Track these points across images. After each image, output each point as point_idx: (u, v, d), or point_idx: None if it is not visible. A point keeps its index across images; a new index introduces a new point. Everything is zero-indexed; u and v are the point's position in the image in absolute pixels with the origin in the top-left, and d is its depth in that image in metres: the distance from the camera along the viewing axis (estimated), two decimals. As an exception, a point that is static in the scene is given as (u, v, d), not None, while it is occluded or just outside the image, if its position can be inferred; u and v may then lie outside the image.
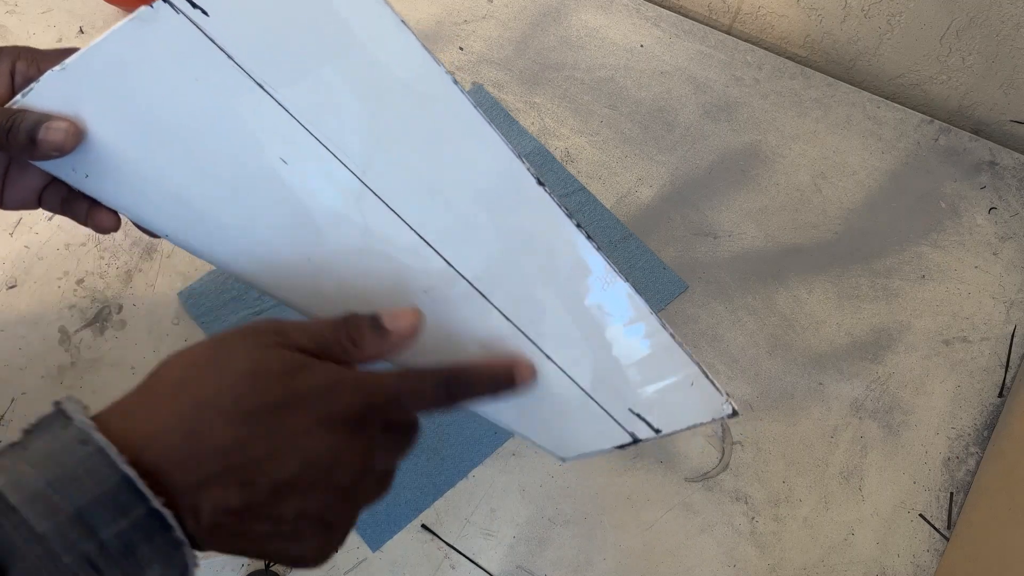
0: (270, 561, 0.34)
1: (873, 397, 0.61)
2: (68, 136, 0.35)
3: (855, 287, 0.66)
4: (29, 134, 0.35)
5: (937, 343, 0.64)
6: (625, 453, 0.58)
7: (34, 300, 0.62)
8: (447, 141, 0.36)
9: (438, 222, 0.37)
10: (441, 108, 0.35)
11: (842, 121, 0.75)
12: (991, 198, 0.72)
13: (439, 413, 0.34)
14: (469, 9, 0.81)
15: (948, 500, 0.58)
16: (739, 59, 0.78)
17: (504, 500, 0.56)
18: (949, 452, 0.60)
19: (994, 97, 0.76)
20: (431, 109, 0.35)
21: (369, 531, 0.54)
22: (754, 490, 0.57)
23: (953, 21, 0.71)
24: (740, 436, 0.59)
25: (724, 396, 0.37)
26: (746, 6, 0.81)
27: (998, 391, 0.62)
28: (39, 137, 0.35)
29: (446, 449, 0.57)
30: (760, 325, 0.64)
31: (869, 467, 0.59)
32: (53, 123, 0.35)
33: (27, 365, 0.59)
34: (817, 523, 0.56)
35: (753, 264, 0.67)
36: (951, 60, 0.75)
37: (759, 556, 0.55)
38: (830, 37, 0.79)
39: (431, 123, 0.35)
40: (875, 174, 0.73)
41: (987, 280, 0.67)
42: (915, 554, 0.56)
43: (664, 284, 0.65)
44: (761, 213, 0.70)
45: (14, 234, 0.65)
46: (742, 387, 0.61)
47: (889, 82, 0.80)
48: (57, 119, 0.35)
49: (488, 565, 0.54)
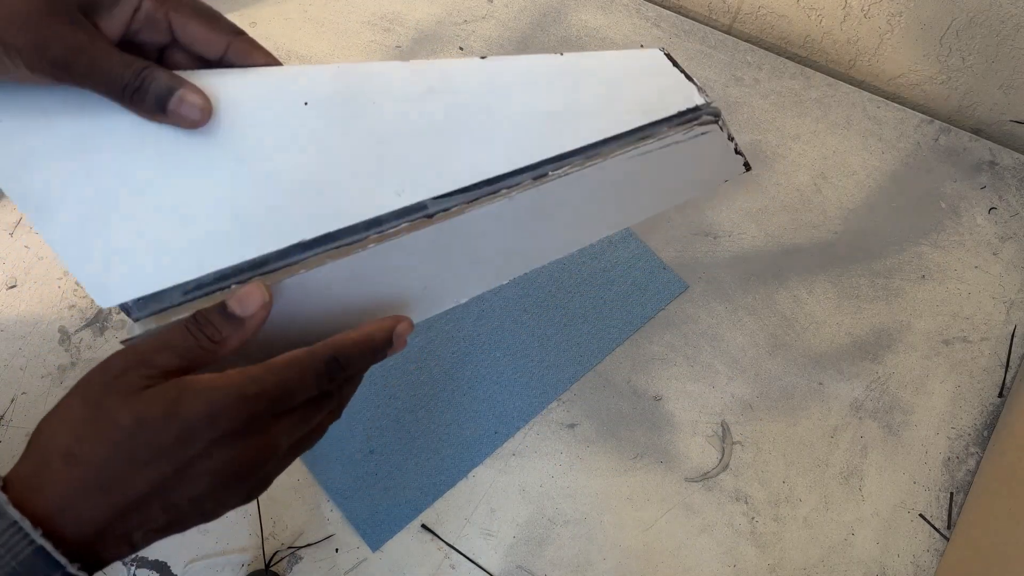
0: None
1: (873, 397, 0.61)
2: (203, 115, 0.33)
3: (855, 287, 0.66)
4: (159, 101, 0.32)
5: (937, 343, 0.64)
6: (625, 453, 0.58)
7: (34, 300, 0.62)
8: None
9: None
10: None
11: (842, 121, 0.75)
12: (991, 198, 0.72)
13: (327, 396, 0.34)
14: (469, 9, 0.81)
15: (948, 500, 0.58)
16: (739, 59, 0.78)
17: (504, 500, 0.56)
18: (949, 452, 0.59)
19: (994, 97, 0.76)
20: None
21: (369, 531, 0.54)
22: (754, 490, 0.57)
23: (953, 21, 0.71)
24: (740, 436, 0.59)
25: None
26: (746, 6, 0.81)
27: (998, 391, 0.62)
28: (170, 108, 0.32)
29: (446, 449, 0.57)
30: (760, 325, 0.64)
31: (869, 467, 0.59)
32: (188, 95, 0.33)
33: (27, 365, 0.59)
34: (817, 523, 0.56)
35: (753, 264, 0.67)
36: (951, 60, 0.75)
37: (759, 556, 0.55)
38: (830, 37, 0.79)
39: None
40: (875, 174, 0.73)
41: (987, 280, 0.67)
42: (915, 554, 0.56)
43: (664, 284, 0.65)
44: (761, 213, 0.70)
45: (14, 234, 0.65)
46: (742, 387, 0.61)
47: (889, 82, 0.80)
48: (191, 90, 0.33)
49: (488, 565, 0.54)
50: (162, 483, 0.29)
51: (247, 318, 0.32)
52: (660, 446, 0.58)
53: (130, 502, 0.29)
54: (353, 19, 0.80)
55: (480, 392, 0.60)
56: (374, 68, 0.39)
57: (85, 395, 0.30)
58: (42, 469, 0.29)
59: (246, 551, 0.53)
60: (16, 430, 0.56)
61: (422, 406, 0.58)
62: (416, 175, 0.38)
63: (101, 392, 0.30)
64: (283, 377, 0.31)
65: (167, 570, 0.52)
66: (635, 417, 0.59)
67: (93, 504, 0.29)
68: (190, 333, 0.31)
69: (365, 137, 0.38)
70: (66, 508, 0.28)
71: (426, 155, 0.39)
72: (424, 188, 0.38)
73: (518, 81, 0.42)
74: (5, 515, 0.27)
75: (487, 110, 0.41)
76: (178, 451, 0.29)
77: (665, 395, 0.60)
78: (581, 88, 0.43)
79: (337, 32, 0.79)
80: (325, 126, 0.37)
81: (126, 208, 0.33)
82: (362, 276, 0.37)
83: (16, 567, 0.26)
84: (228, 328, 0.32)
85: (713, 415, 0.60)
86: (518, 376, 0.60)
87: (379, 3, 0.81)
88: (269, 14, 0.79)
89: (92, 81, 0.32)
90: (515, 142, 0.40)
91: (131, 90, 0.32)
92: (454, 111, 0.40)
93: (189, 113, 0.33)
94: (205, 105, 0.33)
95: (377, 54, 0.77)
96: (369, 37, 0.79)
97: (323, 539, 0.54)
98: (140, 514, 0.29)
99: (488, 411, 0.59)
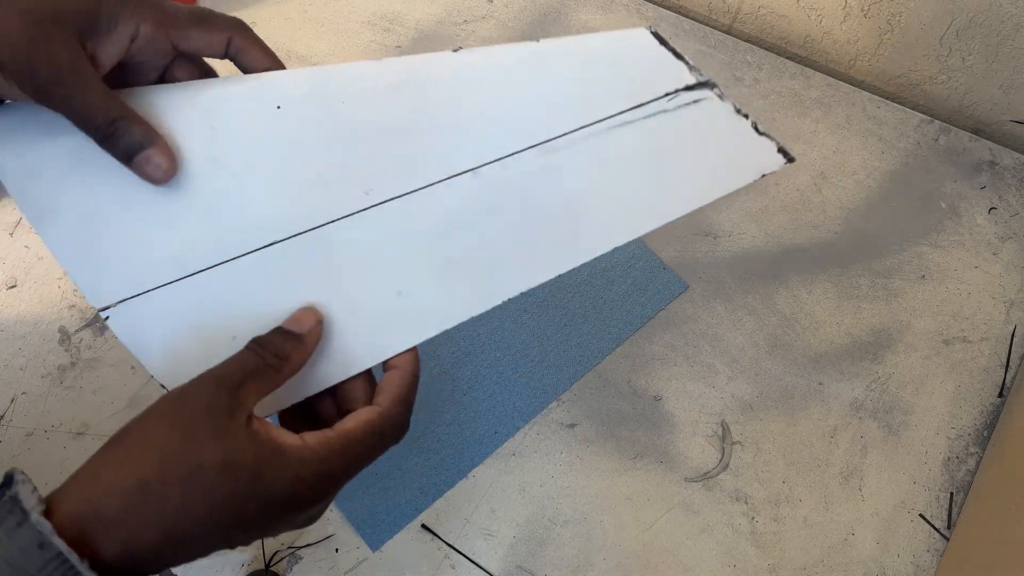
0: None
1: (873, 397, 0.61)
2: (165, 176, 0.35)
3: (855, 287, 0.66)
4: (127, 154, 0.34)
5: (937, 343, 0.64)
6: (625, 453, 0.58)
7: (34, 300, 0.62)
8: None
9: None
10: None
11: (842, 121, 0.75)
12: (991, 198, 0.72)
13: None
14: (469, 9, 0.81)
15: (948, 500, 0.58)
16: (739, 59, 0.78)
17: (504, 500, 0.56)
18: (949, 452, 0.59)
19: (994, 97, 0.76)
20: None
21: (369, 531, 0.54)
22: (754, 490, 0.57)
23: (953, 21, 0.71)
24: (740, 436, 0.59)
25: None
26: (746, 6, 0.81)
27: (998, 391, 0.62)
28: (135, 162, 0.34)
29: (446, 449, 0.57)
30: (760, 325, 0.64)
31: (869, 467, 0.59)
32: (155, 156, 0.34)
33: (27, 365, 0.59)
34: (817, 523, 0.56)
35: (753, 264, 0.67)
36: (951, 60, 0.75)
37: (759, 556, 0.55)
38: (830, 37, 0.79)
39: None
40: (875, 174, 0.73)
41: (987, 280, 0.67)
42: (915, 554, 0.56)
43: (664, 284, 0.65)
44: (761, 213, 0.70)
45: (14, 234, 0.65)
46: (742, 387, 0.61)
47: (889, 82, 0.80)
48: (158, 152, 0.34)
49: (488, 565, 0.54)
50: (220, 534, 0.29)
51: (305, 334, 0.34)
52: (660, 446, 0.58)
53: (187, 553, 0.29)
54: (353, 19, 0.80)
55: (480, 392, 0.60)
56: (345, 68, 0.39)
57: (173, 421, 0.29)
58: (112, 490, 0.28)
59: (246, 551, 0.53)
60: (16, 430, 0.56)
61: (422, 406, 0.58)
62: (384, 173, 0.38)
63: (189, 421, 0.29)
64: (365, 449, 0.33)
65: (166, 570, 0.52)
66: (635, 417, 0.59)
67: (155, 550, 0.28)
68: (257, 354, 0.32)
69: (334, 137, 0.38)
70: (128, 551, 0.28)
71: (395, 153, 0.39)
72: (393, 186, 0.38)
73: (489, 73, 0.41)
74: (50, 546, 0.25)
75: (456, 104, 0.40)
76: (252, 522, 0.30)
77: (665, 395, 0.60)
78: (556, 75, 0.42)
79: (337, 32, 0.79)
80: (297, 128, 0.38)
81: (117, 216, 0.35)
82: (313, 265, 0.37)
83: None
84: (289, 345, 0.33)
85: (713, 415, 0.60)
86: (518, 376, 0.60)
87: (379, 3, 0.81)
88: (269, 14, 0.79)
89: (67, 114, 0.33)
90: (484, 136, 0.40)
91: (102, 135, 0.33)
92: (422, 107, 0.39)
93: (152, 172, 0.34)
94: (168, 167, 0.35)
95: (377, 54, 0.77)
96: (369, 37, 0.79)
97: (323, 539, 0.54)
98: (179, 557, 0.29)
99: (488, 411, 0.59)
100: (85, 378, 0.59)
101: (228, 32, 0.36)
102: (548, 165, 0.40)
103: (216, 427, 0.29)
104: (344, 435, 0.32)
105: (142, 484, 0.28)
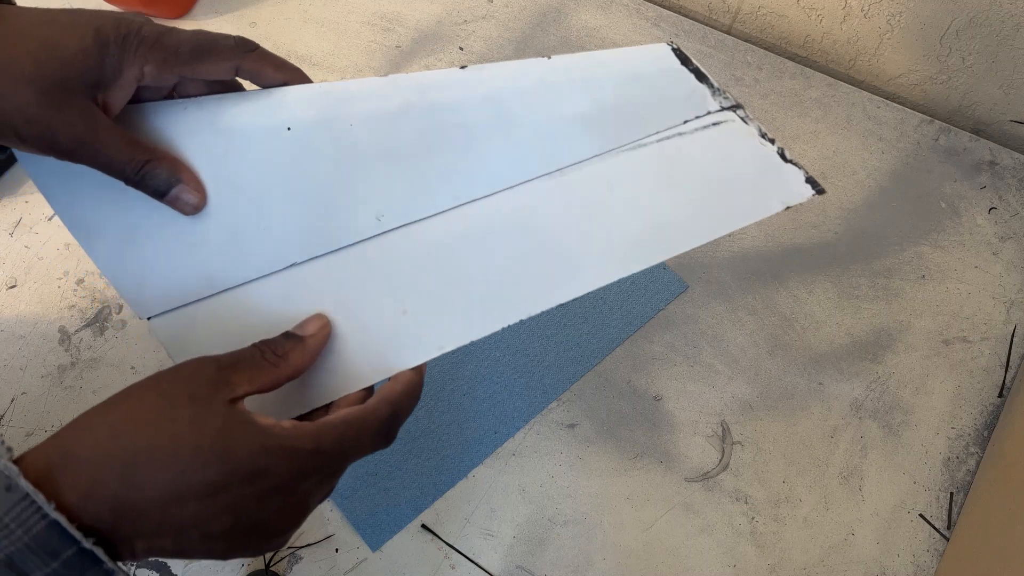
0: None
1: (873, 397, 0.61)
2: (195, 209, 0.37)
3: (855, 287, 0.66)
4: (158, 192, 0.36)
5: (937, 343, 0.64)
6: (625, 453, 0.58)
7: (34, 300, 0.62)
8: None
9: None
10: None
11: (842, 121, 0.75)
12: (991, 198, 0.72)
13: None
14: (469, 9, 0.81)
15: (948, 500, 0.58)
16: (739, 59, 0.78)
17: (504, 500, 0.56)
18: (949, 452, 0.59)
19: (994, 97, 0.76)
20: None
21: (369, 531, 0.54)
22: (754, 490, 0.57)
23: (953, 21, 0.71)
24: (740, 436, 0.59)
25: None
26: (746, 6, 0.81)
27: (998, 391, 0.62)
28: (167, 198, 0.37)
29: (446, 449, 0.57)
30: (760, 325, 0.64)
31: (869, 467, 0.59)
32: (183, 193, 0.37)
33: (27, 365, 0.59)
34: (817, 523, 0.56)
35: (753, 264, 0.67)
36: (951, 60, 0.75)
37: (759, 556, 0.55)
38: (830, 37, 0.79)
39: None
40: (875, 174, 0.73)
41: (987, 280, 0.67)
42: (915, 554, 0.56)
43: (664, 284, 0.65)
44: (761, 213, 0.70)
45: (14, 234, 0.65)
46: (742, 387, 0.61)
47: (889, 82, 0.80)
48: (187, 188, 0.37)
49: (488, 565, 0.54)
50: (187, 503, 0.29)
51: (307, 337, 0.35)
52: (660, 446, 0.58)
53: (150, 504, 0.29)
54: (353, 19, 0.80)
55: (480, 392, 0.60)
56: (352, 87, 0.39)
57: (156, 384, 0.31)
58: (78, 440, 0.29)
59: (246, 551, 0.53)
60: (16, 430, 0.56)
61: (422, 406, 0.58)
62: (396, 199, 0.39)
63: (171, 385, 0.31)
64: (344, 433, 0.33)
65: (167, 570, 0.52)
66: (635, 417, 0.59)
67: (115, 494, 0.28)
68: (257, 349, 0.34)
69: (345, 161, 0.39)
70: (91, 494, 0.28)
71: (406, 179, 0.39)
72: (404, 213, 0.39)
73: (499, 94, 0.40)
74: (16, 488, 0.27)
75: (465, 130, 0.39)
76: (220, 488, 0.30)
77: (665, 395, 0.61)
78: (569, 100, 0.40)
79: (337, 32, 0.79)
80: (307, 152, 0.39)
81: (153, 236, 0.38)
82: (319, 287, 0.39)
83: (29, 542, 0.26)
84: (289, 344, 0.35)
85: (713, 415, 0.60)
86: (518, 376, 0.60)
87: (379, 3, 0.81)
88: (269, 14, 0.79)
89: (95, 167, 0.35)
90: (494, 164, 0.39)
91: (132, 180, 0.36)
92: (431, 131, 0.39)
93: (184, 208, 0.37)
94: (198, 202, 0.37)
95: (377, 54, 0.77)
96: (369, 37, 0.79)
97: (323, 539, 0.54)
98: (153, 532, 0.29)
99: (488, 411, 0.59)
100: (85, 378, 0.59)
101: (233, 60, 0.37)
102: (557, 190, 0.39)
103: (195, 392, 0.30)
104: (319, 423, 0.33)
105: (111, 426, 0.29)
